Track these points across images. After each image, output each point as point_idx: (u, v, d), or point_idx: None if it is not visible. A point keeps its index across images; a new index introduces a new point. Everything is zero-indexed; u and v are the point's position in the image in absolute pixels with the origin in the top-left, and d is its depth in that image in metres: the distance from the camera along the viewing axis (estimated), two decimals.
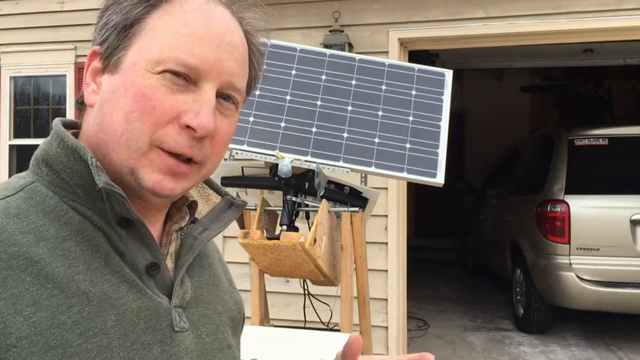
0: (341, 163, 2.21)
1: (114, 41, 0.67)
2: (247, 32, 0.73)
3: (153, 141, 0.64)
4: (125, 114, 0.64)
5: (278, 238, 2.08)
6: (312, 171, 2.15)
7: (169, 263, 0.73)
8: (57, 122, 0.70)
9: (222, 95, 0.69)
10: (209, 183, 0.82)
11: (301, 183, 2.20)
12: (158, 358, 0.66)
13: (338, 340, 2.22)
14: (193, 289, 0.75)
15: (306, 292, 2.53)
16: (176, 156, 0.66)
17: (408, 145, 2.25)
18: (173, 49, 0.65)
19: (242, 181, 2.40)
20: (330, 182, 2.31)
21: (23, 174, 0.68)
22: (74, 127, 0.73)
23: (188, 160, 0.67)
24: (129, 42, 0.66)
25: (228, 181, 2.40)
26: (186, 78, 0.65)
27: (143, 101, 0.64)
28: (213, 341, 0.75)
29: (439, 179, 2.20)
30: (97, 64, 0.69)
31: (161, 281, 0.70)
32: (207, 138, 0.67)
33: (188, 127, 0.65)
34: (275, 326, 2.37)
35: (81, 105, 0.72)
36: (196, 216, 0.79)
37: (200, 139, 0.66)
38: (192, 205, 0.78)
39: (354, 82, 2.36)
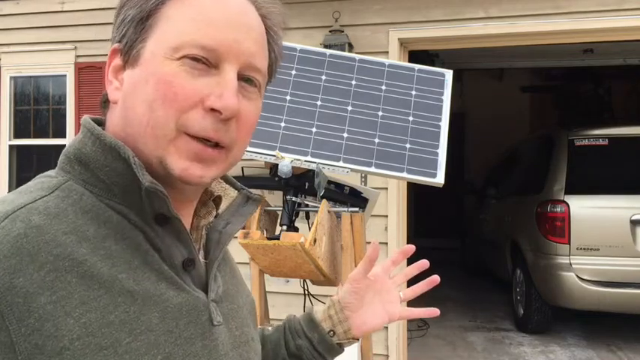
0: (341, 163, 2.21)
1: (132, 35, 0.67)
2: (264, 16, 0.72)
3: (179, 127, 0.64)
4: (149, 103, 0.64)
5: (278, 238, 2.08)
6: (312, 171, 2.15)
7: (200, 258, 0.73)
8: (88, 120, 0.69)
9: (243, 78, 0.68)
10: (224, 178, 0.82)
11: (301, 183, 2.20)
12: (199, 352, 0.67)
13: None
14: (222, 282, 0.76)
15: (306, 292, 2.53)
16: (203, 141, 0.65)
17: (408, 145, 2.25)
18: (190, 33, 0.65)
19: (242, 181, 2.40)
20: (330, 182, 2.31)
21: (52, 173, 0.67)
22: (99, 124, 0.73)
23: (215, 145, 0.66)
24: (146, 34, 0.67)
25: None
26: (205, 62, 0.65)
27: (164, 88, 0.64)
28: (241, 335, 0.77)
29: (439, 179, 2.20)
30: (117, 61, 0.69)
31: (196, 276, 0.70)
32: (232, 120, 0.66)
33: (212, 110, 0.64)
34: None
35: (105, 104, 0.72)
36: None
37: (225, 121, 0.65)
38: (216, 200, 0.78)
39: (354, 82, 2.36)
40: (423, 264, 1.03)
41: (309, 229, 2.19)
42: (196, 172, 0.65)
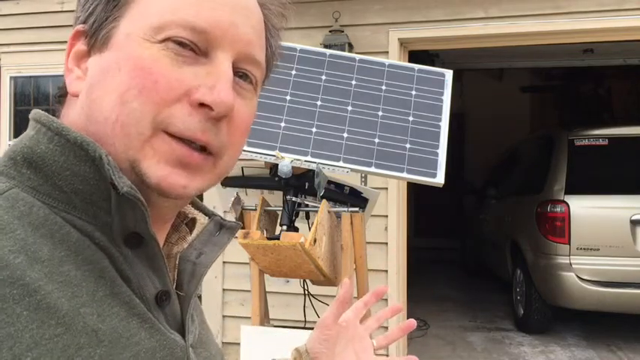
0: (341, 163, 2.21)
1: (101, 12, 0.55)
2: (262, 5, 0.61)
3: (157, 124, 0.52)
4: (120, 94, 0.51)
5: (278, 238, 2.08)
6: (312, 171, 2.16)
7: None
8: (44, 113, 0.55)
9: (238, 72, 0.57)
10: (193, 201, 0.67)
11: (301, 183, 2.20)
12: None
13: None
14: (198, 324, 0.65)
15: (306, 292, 2.53)
16: (187, 142, 0.53)
17: (408, 145, 2.25)
18: (176, 10, 0.53)
19: (242, 181, 2.41)
20: (330, 182, 2.31)
21: None
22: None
23: (201, 150, 0.54)
24: (120, 12, 0.54)
25: (228, 181, 2.40)
26: (193, 47, 0.53)
27: (141, 75, 0.51)
28: None
29: (439, 179, 2.20)
30: (81, 46, 0.57)
31: (171, 314, 0.57)
32: (224, 121, 0.54)
33: (201, 105, 0.52)
34: (275, 326, 2.37)
35: (60, 98, 0.59)
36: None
37: (216, 121, 0.53)
38: (189, 224, 0.65)
39: (354, 82, 2.36)
40: (397, 309, 0.94)
41: (309, 229, 2.19)
42: (179, 182, 0.53)
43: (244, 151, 2.24)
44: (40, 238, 0.48)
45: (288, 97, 2.32)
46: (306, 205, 2.27)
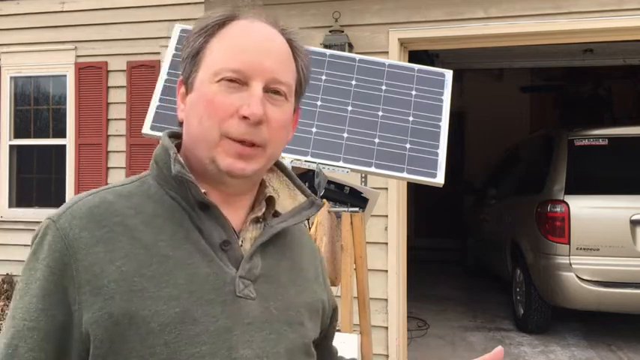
0: (341, 163, 2.21)
1: (188, 68, 0.88)
2: (290, 40, 0.89)
3: (222, 133, 0.82)
4: (199, 119, 0.83)
5: None
6: (312, 171, 2.16)
7: (248, 245, 0.88)
8: (164, 133, 0.92)
9: (270, 90, 0.84)
10: (298, 185, 0.97)
11: None
12: (218, 314, 0.80)
13: (337, 341, 2.21)
14: (266, 268, 0.88)
15: None
16: (241, 142, 0.82)
17: (408, 145, 2.25)
18: (224, 61, 0.83)
19: None
20: (330, 182, 2.31)
21: (146, 172, 0.91)
22: (180, 137, 0.93)
23: (252, 145, 0.83)
24: (198, 66, 0.86)
25: None
26: (238, 81, 0.82)
27: (209, 105, 0.82)
28: (281, 315, 0.87)
29: (439, 179, 2.20)
30: (182, 89, 0.90)
31: (232, 256, 0.85)
32: (263, 124, 0.83)
33: (244, 117, 0.81)
34: None
35: (181, 123, 0.92)
36: (281, 211, 0.94)
37: (256, 125, 0.82)
38: (271, 200, 0.93)
39: (354, 82, 2.36)
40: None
41: (309, 229, 2.19)
42: (239, 166, 0.82)
43: None
44: (149, 202, 0.84)
45: None
46: None
